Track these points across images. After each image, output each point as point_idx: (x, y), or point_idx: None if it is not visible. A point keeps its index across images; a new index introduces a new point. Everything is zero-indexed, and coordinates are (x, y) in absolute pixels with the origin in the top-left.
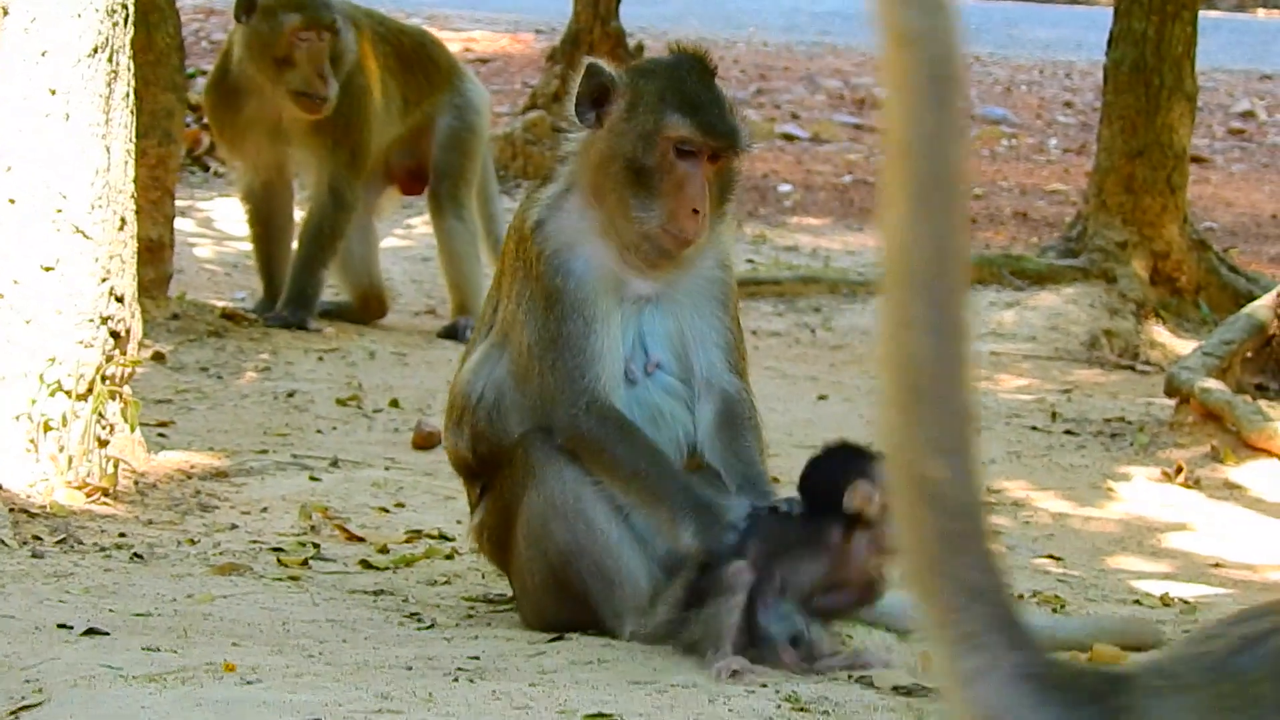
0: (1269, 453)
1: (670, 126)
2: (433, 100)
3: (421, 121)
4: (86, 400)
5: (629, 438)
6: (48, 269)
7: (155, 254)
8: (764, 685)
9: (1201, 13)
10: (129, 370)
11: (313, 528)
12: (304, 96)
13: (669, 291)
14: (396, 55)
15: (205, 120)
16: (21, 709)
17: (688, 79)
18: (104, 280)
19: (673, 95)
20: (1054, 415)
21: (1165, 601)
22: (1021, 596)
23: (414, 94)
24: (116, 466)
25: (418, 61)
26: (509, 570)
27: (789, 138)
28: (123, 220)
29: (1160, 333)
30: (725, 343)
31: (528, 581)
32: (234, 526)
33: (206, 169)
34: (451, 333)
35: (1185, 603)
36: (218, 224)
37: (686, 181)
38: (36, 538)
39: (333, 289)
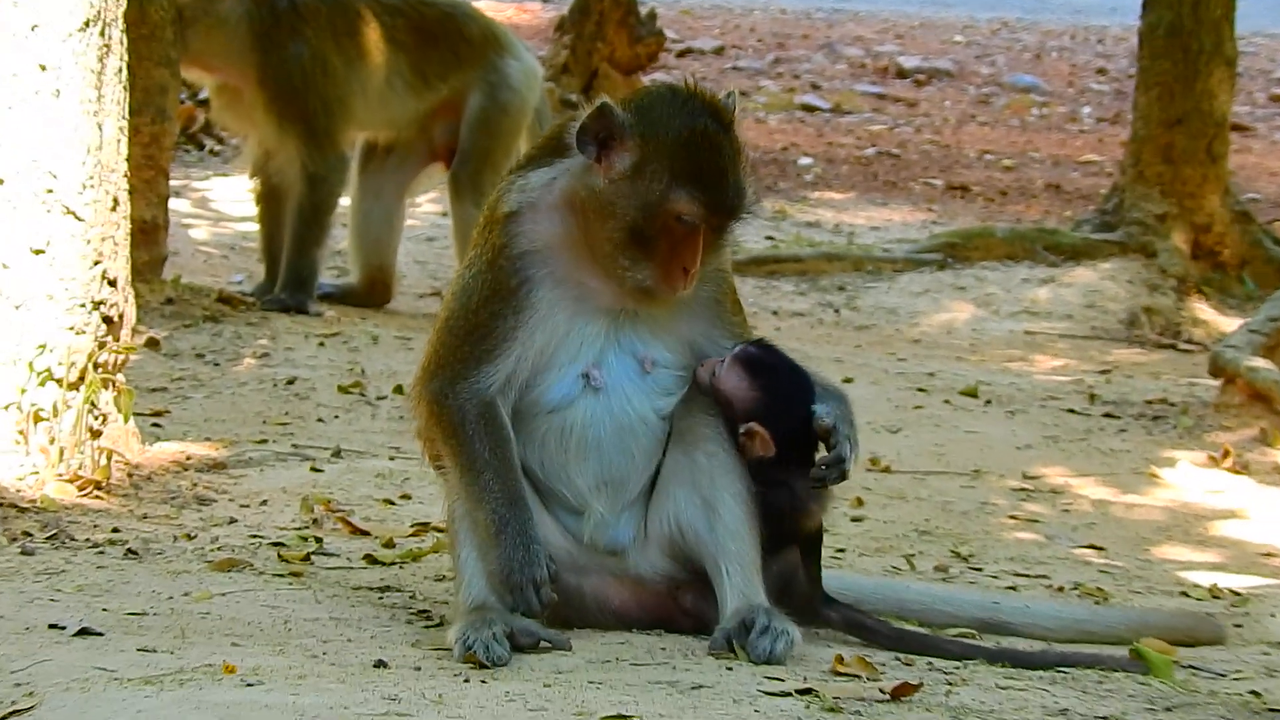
0: None
1: (675, 201)
2: (461, 76)
3: (452, 98)
4: (78, 389)
5: (490, 441)
6: (38, 251)
7: (149, 235)
8: (801, 688)
9: None
10: (122, 357)
11: (315, 521)
12: None
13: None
14: (414, 28)
15: (200, 96)
16: (11, 714)
17: (700, 145)
18: (96, 263)
19: (681, 167)
20: (1093, 397)
21: (1214, 593)
22: (1062, 589)
23: (436, 68)
24: (110, 458)
25: (443, 35)
26: None
27: (809, 109)
28: (115, 201)
29: (1203, 309)
30: (726, 320)
31: None
32: (233, 520)
33: (202, 147)
34: None
35: (1235, 594)
36: (214, 204)
37: (683, 246)
38: (26, 534)
39: (333, 270)
